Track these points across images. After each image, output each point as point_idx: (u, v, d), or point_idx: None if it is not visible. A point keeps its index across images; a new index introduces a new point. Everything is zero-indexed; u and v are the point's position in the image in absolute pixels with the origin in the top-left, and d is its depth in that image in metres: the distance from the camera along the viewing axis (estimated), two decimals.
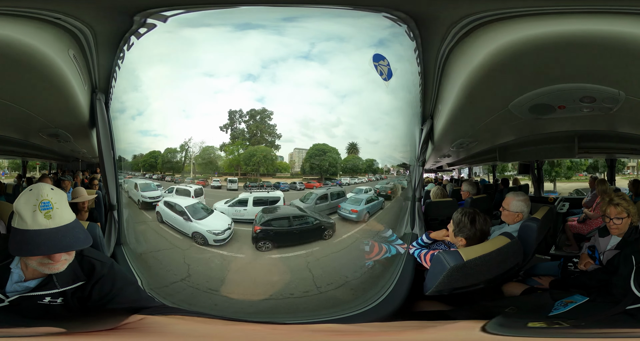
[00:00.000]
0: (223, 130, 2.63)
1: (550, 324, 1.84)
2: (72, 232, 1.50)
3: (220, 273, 2.60)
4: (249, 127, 2.70)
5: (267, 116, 2.69)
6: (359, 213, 2.89)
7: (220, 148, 2.74)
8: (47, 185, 1.55)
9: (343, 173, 2.96)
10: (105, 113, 2.73)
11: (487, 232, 2.49)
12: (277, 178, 2.94)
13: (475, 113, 2.93)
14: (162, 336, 1.36)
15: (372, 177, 2.99)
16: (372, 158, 2.95)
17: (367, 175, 2.98)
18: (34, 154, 4.85)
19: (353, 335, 1.60)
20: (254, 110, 2.67)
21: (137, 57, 2.51)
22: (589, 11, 1.88)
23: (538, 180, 5.22)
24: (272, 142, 2.82)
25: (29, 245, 1.44)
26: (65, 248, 1.47)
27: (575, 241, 4.16)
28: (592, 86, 2.34)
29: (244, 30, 2.44)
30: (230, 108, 2.62)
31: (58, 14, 2.03)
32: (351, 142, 2.82)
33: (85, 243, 1.53)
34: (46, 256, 1.48)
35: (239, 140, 2.71)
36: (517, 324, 1.75)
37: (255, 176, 2.86)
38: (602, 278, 2.31)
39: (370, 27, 2.51)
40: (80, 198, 3.28)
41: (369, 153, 2.89)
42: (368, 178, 2.99)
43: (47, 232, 1.45)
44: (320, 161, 2.84)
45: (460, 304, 2.40)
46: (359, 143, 2.82)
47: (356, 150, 2.88)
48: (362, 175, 2.99)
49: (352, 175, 2.99)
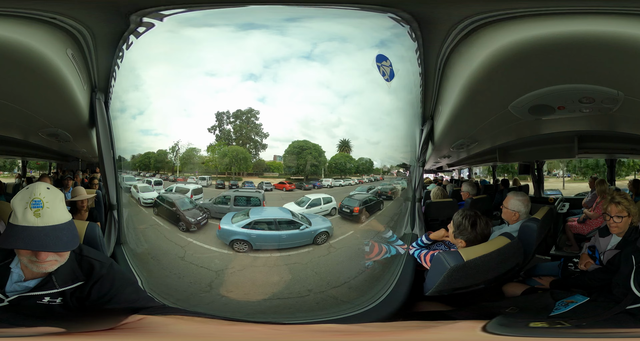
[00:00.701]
0: (210, 131, 2.67)
1: (552, 324, 1.84)
2: (58, 232, 1.50)
3: (220, 272, 2.60)
4: (234, 127, 2.71)
5: (253, 116, 2.68)
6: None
7: (207, 149, 2.77)
8: (43, 184, 1.56)
9: (330, 173, 2.86)
10: (105, 112, 2.72)
11: (488, 235, 2.48)
12: (264, 178, 2.91)
13: (475, 114, 2.93)
14: (161, 336, 1.36)
15: (366, 178, 2.89)
16: (367, 158, 2.87)
17: (362, 176, 2.88)
18: (33, 154, 4.84)
19: (352, 335, 1.60)
20: (240, 110, 2.67)
21: (138, 56, 2.51)
22: (588, 12, 1.89)
23: (538, 181, 5.22)
24: (257, 142, 2.80)
25: (11, 237, 1.46)
26: (40, 247, 1.47)
27: (576, 241, 4.16)
28: (592, 87, 2.34)
29: (246, 30, 2.44)
30: (218, 110, 2.63)
31: (54, 14, 2.03)
32: (343, 139, 2.73)
33: (67, 247, 1.53)
34: (32, 255, 1.49)
35: (221, 140, 2.73)
36: (518, 324, 1.75)
37: (241, 175, 2.85)
38: (602, 278, 2.31)
39: (372, 27, 2.51)
40: (79, 196, 3.28)
41: (370, 153, 2.88)
42: (359, 180, 2.90)
43: (33, 229, 1.46)
44: (298, 159, 2.77)
45: (460, 304, 2.40)
46: (359, 144, 2.79)
47: (348, 148, 2.77)
48: (355, 176, 2.89)
49: (341, 176, 2.89)
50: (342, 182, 2.92)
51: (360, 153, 2.86)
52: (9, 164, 5.29)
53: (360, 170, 2.91)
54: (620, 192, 3.11)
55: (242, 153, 2.79)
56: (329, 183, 2.89)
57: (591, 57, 2.05)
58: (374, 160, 2.93)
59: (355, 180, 2.94)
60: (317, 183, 2.89)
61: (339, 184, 2.93)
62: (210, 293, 2.52)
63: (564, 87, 2.38)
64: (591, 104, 2.51)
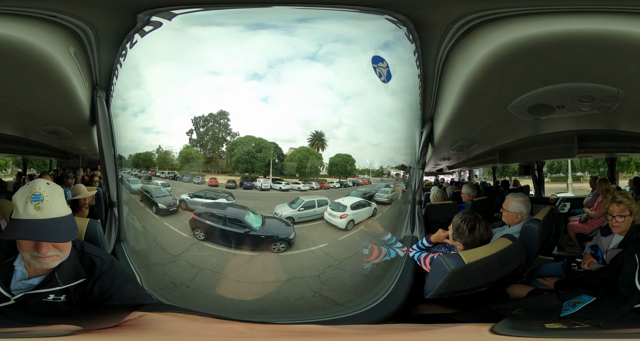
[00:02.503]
0: (188, 134, 2.72)
1: (568, 325, 1.82)
2: (57, 224, 1.54)
3: (217, 271, 2.60)
4: (205, 129, 2.75)
5: (224, 117, 2.69)
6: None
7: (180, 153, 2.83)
8: (43, 180, 1.60)
9: (290, 174, 2.67)
10: (106, 110, 2.73)
11: (488, 240, 2.44)
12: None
13: (475, 115, 2.94)
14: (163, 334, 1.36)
15: (337, 182, 2.67)
16: (347, 154, 2.67)
17: (330, 179, 2.66)
18: (33, 152, 4.84)
19: (352, 335, 1.59)
20: (212, 114, 2.68)
21: (141, 54, 2.52)
22: (585, 10, 1.89)
23: (539, 181, 5.21)
24: (227, 141, 2.79)
25: (12, 229, 1.50)
26: (40, 237, 1.50)
27: (578, 241, 4.14)
28: (591, 85, 2.34)
29: (254, 30, 2.45)
30: (195, 115, 2.66)
31: (57, 12, 2.04)
32: (316, 131, 2.56)
33: (66, 237, 1.56)
34: (34, 249, 1.52)
35: (192, 142, 2.78)
36: (527, 326, 1.74)
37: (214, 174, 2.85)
38: (607, 277, 2.31)
39: (375, 29, 2.52)
40: (81, 194, 3.27)
41: (370, 155, 2.86)
42: (323, 185, 2.68)
43: (33, 221, 1.50)
44: (232, 156, 2.67)
45: (463, 307, 2.38)
46: (360, 145, 2.75)
47: (321, 142, 2.58)
48: (331, 178, 2.68)
49: (310, 178, 2.66)
50: (282, 185, 2.63)
51: (361, 155, 2.82)
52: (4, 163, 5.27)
53: (333, 171, 2.70)
54: (621, 190, 3.11)
55: (190, 154, 2.82)
56: (260, 185, 2.68)
57: (590, 55, 2.05)
58: (358, 159, 2.75)
59: (313, 185, 2.64)
60: (249, 184, 2.68)
61: (279, 188, 2.68)
62: (206, 292, 2.53)
63: (563, 86, 2.38)
64: (591, 103, 2.51)
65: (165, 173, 2.84)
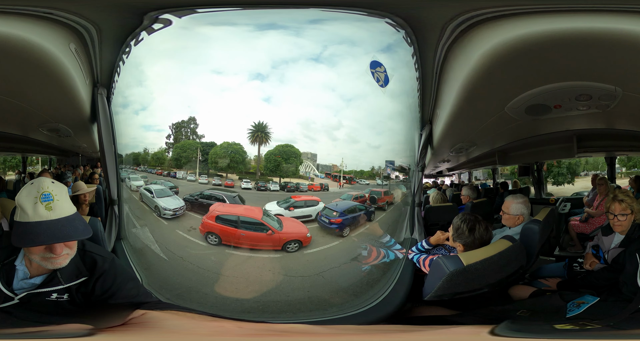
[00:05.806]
0: (167, 138, 2.84)
1: (579, 326, 1.81)
2: (72, 223, 1.51)
3: (216, 270, 2.60)
4: (176, 135, 2.84)
5: (192, 122, 2.74)
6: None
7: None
8: (47, 179, 1.57)
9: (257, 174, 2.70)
10: (107, 107, 2.72)
11: (488, 241, 2.44)
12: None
13: (473, 117, 2.94)
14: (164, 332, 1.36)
15: (272, 183, 2.68)
16: (286, 144, 2.69)
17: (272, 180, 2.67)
18: (33, 150, 4.81)
19: (337, 335, 1.59)
20: (183, 121, 2.75)
21: (145, 52, 2.52)
22: (581, 9, 1.89)
23: (538, 182, 5.20)
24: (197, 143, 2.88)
25: (29, 235, 1.45)
26: (65, 238, 1.48)
27: (579, 241, 4.13)
28: (588, 83, 2.32)
29: (263, 30, 2.46)
30: (173, 122, 2.75)
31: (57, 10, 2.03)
32: (258, 122, 2.54)
33: (85, 234, 1.54)
34: (48, 250, 1.49)
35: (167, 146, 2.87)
36: (527, 327, 1.73)
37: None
38: (609, 277, 2.31)
39: (377, 32, 2.53)
40: (81, 190, 3.27)
41: (371, 157, 2.87)
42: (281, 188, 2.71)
43: (48, 222, 1.46)
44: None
45: (464, 309, 2.37)
46: (360, 148, 2.77)
47: (265, 135, 2.52)
48: (303, 180, 2.72)
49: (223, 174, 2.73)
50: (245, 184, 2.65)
51: (362, 157, 2.83)
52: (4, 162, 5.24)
53: (269, 168, 2.69)
54: (622, 189, 3.10)
55: (157, 154, 2.91)
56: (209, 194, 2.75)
57: (586, 54, 2.03)
58: (358, 161, 2.81)
59: (216, 181, 2.77)
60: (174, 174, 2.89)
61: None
62: (204, 290, 2.53)
63: (559, 85, 2.36)
64: (588, 102, 2.49)
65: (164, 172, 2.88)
